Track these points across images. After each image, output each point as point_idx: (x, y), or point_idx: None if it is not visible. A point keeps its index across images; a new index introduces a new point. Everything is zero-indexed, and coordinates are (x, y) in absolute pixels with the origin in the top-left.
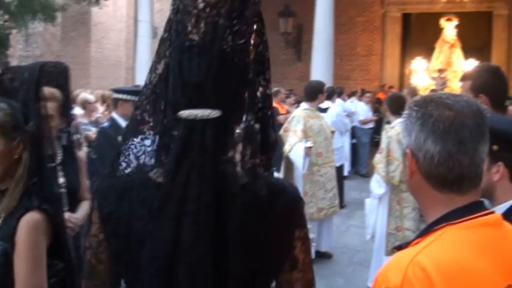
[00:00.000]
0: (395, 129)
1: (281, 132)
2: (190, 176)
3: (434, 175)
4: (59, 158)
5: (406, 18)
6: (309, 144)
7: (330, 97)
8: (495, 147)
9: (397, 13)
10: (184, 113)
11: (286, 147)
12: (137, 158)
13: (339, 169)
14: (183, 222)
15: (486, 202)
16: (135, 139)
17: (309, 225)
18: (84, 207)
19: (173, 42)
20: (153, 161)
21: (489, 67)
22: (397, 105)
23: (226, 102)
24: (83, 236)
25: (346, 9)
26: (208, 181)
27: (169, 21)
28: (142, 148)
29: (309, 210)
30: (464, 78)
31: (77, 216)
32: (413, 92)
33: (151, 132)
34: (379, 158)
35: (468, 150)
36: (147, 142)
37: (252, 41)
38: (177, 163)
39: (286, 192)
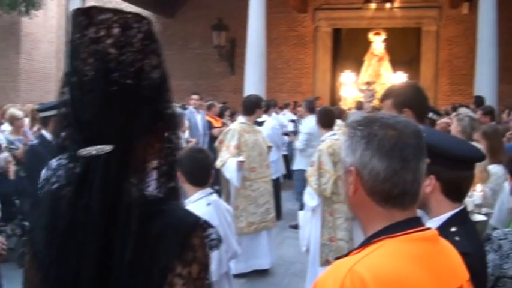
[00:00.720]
0: (326, 143)
1: (216, 144)
2: (81, 206)
3: (379, 191)
4: None
5: (337, 32)
6: (241, 158)
7: (266, 111)
8: (427, 160)
9: (328, 28)
10: (80, 151)
11: (218, 163)
12: (55, 180)
13: (276, 182)
14: (67, 249)
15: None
16: (57, 158)
17: (238, 241)
18: None
19: (69, 78)
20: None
21: (408, 83)
22: (326, 119)
23: (122, 134)
24: None
25: (278, 24)
26: (93, 214)
27: None
28: (57, 171)
29: (239, 224)
30: (385, 97)
31: (3, 241)
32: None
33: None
34: (310, 171)
35: (412, 167)
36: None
37: (151, 64)
38: (74, 194)
39: (174, 222)
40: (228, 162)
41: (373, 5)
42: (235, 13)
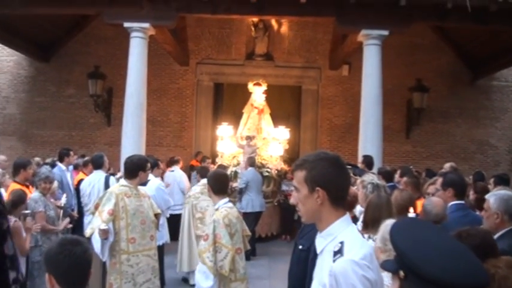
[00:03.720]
0: (220, 212)
1: (92, 209)
2: None
3: None
4: None
5: (218, 86)
6: (103, 226)
7: (152, 168)
8: (402, 274)
9: (210, 82)
10: None
11: (88, 231)
12: None
13: (160, 249)
14: None
15: None
16: None
17: None
18: None
19: None
20: None
21: (326, 155)
22: (220, 185)
23: None
24: None
25: (159, 75)
26: None
27: None
28: None
29: None
30: (297, 167)
31: None
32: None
33: None
34: (204, 246)
35: None
36: None
37: None
38: None
39: None
40: (96, 231)
41: (254, 62)
42: (113, 61)
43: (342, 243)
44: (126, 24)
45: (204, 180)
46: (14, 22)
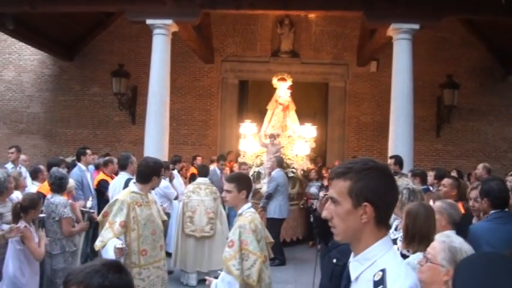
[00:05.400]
0: (245, 217)
1: (99, 217)
2: None
3: None
4: None
5: (243, 84)
6: (119, 244)
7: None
8: None
9: (235, 80)
10: None
11: (97, 243)
12: None
13: None
14: None
15: None
16: None
17: None
18: None
19: None
20: None
21: (375, 163)
22: (245, 188)
23: None
24: None
25: (184, 73)
26: None
27: None
28: None
29: None
30: (338, 175)
31: None
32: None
33: None
34: (230, 253)
35: None
36: None
37: None
38: None
39: None
40: (108, 244)
41: (280, 59)
42: (138, 59)
43: (383, 271)
44: (149, 21)
45: (201, 179)
46: (37, 21)
